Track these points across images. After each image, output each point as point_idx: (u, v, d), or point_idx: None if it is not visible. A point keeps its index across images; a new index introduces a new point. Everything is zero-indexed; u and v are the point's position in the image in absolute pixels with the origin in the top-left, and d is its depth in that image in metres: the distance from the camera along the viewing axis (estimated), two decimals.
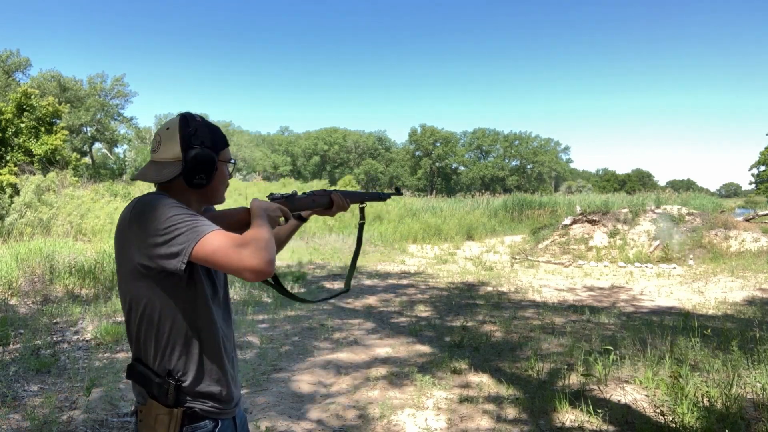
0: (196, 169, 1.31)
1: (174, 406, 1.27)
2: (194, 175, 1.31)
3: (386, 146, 72.59)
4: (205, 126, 1.36)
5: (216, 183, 1.38)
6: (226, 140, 1.40)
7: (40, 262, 7.23)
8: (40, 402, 3.52)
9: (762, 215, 15.09)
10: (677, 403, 3.23)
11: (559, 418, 3.36)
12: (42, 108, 17.62)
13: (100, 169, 31.37)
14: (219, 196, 1.42)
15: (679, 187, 42.19)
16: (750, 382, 3.70)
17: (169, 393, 1.26)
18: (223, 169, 1.40)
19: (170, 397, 1.26)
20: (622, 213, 13.47)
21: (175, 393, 1.27)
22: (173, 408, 1.27)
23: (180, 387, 1.28)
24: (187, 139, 1.31)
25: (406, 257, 12.31)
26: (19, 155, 16.11)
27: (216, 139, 1.37)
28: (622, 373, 4.13)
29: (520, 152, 67.29)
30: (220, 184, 1.40)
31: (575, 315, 6.35)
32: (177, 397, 1.27)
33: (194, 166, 1.31)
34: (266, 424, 3.28)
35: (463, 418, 3.42)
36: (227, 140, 1.41)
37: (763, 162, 50.51)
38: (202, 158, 1.32)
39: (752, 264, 9.61)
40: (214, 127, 1.38)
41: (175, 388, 1.27)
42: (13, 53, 34.49)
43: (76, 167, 19.15)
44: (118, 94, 39.31)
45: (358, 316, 6.28)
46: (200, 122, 1.35)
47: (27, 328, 5.23)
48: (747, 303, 6.97)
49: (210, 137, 1.35)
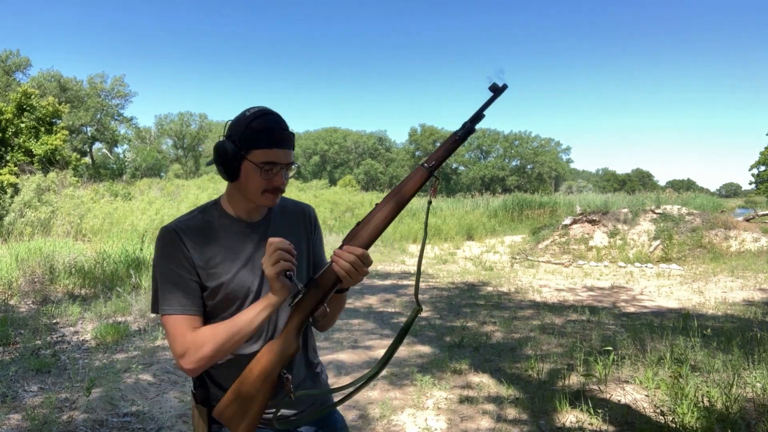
0: (216, 160, 1.31)
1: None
2: (216, 164, 1.32)
3: (386, 146, 72.59)
4: (247, 121, 1.29)
5: (244, 182, 1.32)
6: (268, 142, 1.28)
7: (40, 262, 7.23)
8: (40, 402, 3.52)
9: (762, 215, 15.08)
10: (677, 403, 3.23)
11: (560, 419, 3.36)
12: (42, 108, 17.63)
13: (100, 169, 31.38)
14: (255, 198, 1.33)
15: (679, 187, 42.22)
16: (750, 382, 3.70)
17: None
18: (251, 169, 1.29)
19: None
20: (622, 213, 13.47)
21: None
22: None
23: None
24: (226, 129, 1.32)
25: (407, 257, 12.31)
26: (19, 155, 16.12)
27: (247, 137, 1.28)
28: (623, 373, 4.13)
29: (521, 152, 67.31)
30: (250, 184, 1.31)
31: (575, 315, 6.35)
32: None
33: (215, 156, 1.32)
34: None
35: (464, 419, 3.42)
36: (273, 143, 1.28)
37: (763, 162, 50.53)
38: (218, 150, 1.30)
39: (752, 264, 9.61)
40: (258, 126, 1.28)
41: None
42: (13, 53, 34.54)
43: (76, 167, 19.16)
44: (118, 94, 39.36)
45: (359, 317, 6.28)
46: (247, 117, 1.29)
47: (27, 328, 5.23)
48: (747, 303, 6.96)
49: (241, 132, 1.28)
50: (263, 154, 1.28)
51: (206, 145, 56.74)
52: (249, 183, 1.31)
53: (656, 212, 13.26)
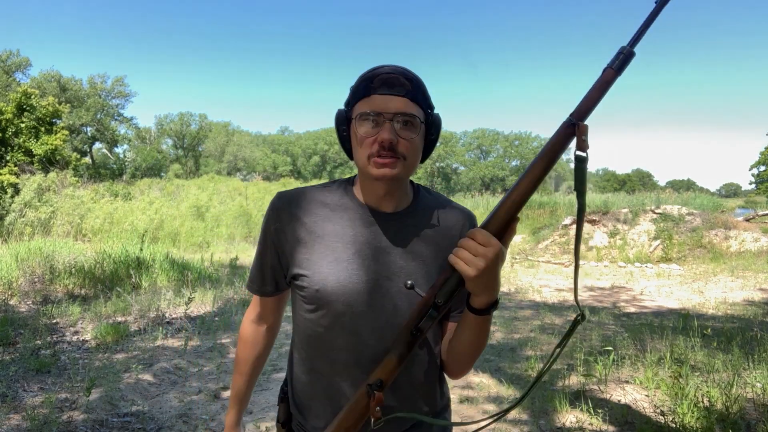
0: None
1: None
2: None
3: None
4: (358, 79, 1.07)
5: (354, 152, 1.05)
6: (367, 89, 1.02)
7: (40, 262, 7.23)
8: (40, 402, 3.52)
9: (762, 215, 15.08)
10: (677, 403, 3.23)
11: (560, 419, 3.36)
12: (42, 108, 17.63)
13: (100, 169, 31.39)
14: (365, 170, 1.03)
15: (679, 187, 42.21)
16: (750, 382, 3.70)
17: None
18: (354, 131, 1.03)
19: None
20: (622, 213, 13.47)
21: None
22: None
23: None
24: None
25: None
26: (19, 155, 16.12)
27: (352, 92, 1.06)
28: (623, 373, 4.13)
29: (521, 152, 67.28)
30: (357, 153, 1.04)
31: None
32: None
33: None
34: (266, 425, 3.28)
35: (464, 419, 3.42)
36: (372, 88, 1.02)
37: (763, 162, 50.50)
38: (335, 119, 1.08)
39: (752, 264, 9.61)
40: (362, 75, 1.06)
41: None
42: (13, 53, 34.51)
43: (76, 167, 19.18)
44: (119, 94, 39.35)
45: None
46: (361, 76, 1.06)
47: (27, 328, 5.22)
48: (747, 303, 6.96)
49: (351, 90, 1.07)
50: (361, 105, 1.02)
51: (206, 145, 56.77)
52: (356, 151, 1.05)
53: (656, 212, 13.26)
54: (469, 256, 0.92)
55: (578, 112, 0.93)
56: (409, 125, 1.00)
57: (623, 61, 0.91)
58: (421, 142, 1.05)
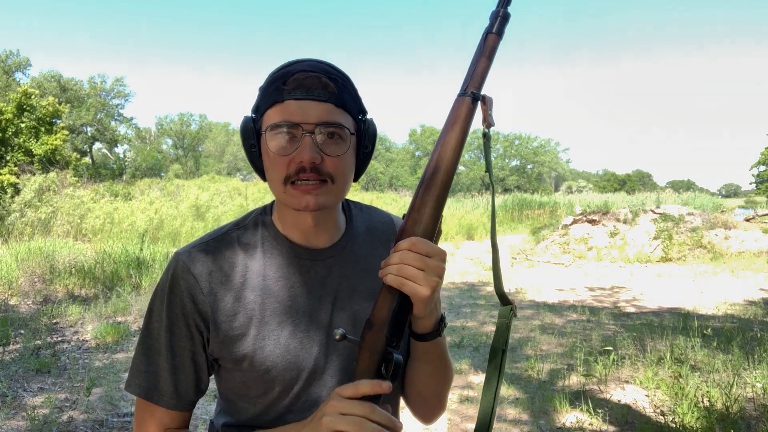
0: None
1: None
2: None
3: (386, 146, 72.60)
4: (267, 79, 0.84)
5: (267, 173, 0.83)
6: (277, 92, 0.80)
7: (40, 262, 7.23)
8: (40, 402, 3.52)
9: (762, 215, 15.08)
10: (677, 403, 3.23)
11: (560, 419, 3.36)
12: (42, 108, 17.62)
13: (100, 169, 31.40)
14: (281, 197, 0.83)
15: (679, 187, 42.25)
16: (750, 382, 3.70)
17: None
18: (265, 146, 0.81)
19: None
20: (622, 213, 13.47)
21: None
22: None
23: None
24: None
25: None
26: (19, 155, 16.11)
27: (261, 93, 0.83)
28: (622, 373, 4.13)
29: (520, 152, 67.31)
30: (269, 173, 0.82)
31: (575, 315, 6.35)
32: None
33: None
34: None
35: (464, 419, 3.42)
36: (284, 91, 0.79)
37: (763, 162, 50.49)
38: (241, 130, 0.86)
39: (752, 264, 9.61)
40: (272, 75, 0.83)
41: None
42: (13, 53, 34.52)
43: (76, 167, 19.18)
44: (119, 94, 39.38)
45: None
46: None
47: (27, 328, 5.23)
48: (747, 303, 6.96)
49: (260, 91, 0.84)
50: (272, 114, 0.80)
51: (206, 145, 56.76)
52: (269, 173, 0.83)
53: (656, 212, 13.26)
54: (416, 272, 0.72)
55: (474, 84, 0.80)
56: (336, 138, 0.79)
57: (501, 23, 0.82)
58: (352, 156, 0.84)
